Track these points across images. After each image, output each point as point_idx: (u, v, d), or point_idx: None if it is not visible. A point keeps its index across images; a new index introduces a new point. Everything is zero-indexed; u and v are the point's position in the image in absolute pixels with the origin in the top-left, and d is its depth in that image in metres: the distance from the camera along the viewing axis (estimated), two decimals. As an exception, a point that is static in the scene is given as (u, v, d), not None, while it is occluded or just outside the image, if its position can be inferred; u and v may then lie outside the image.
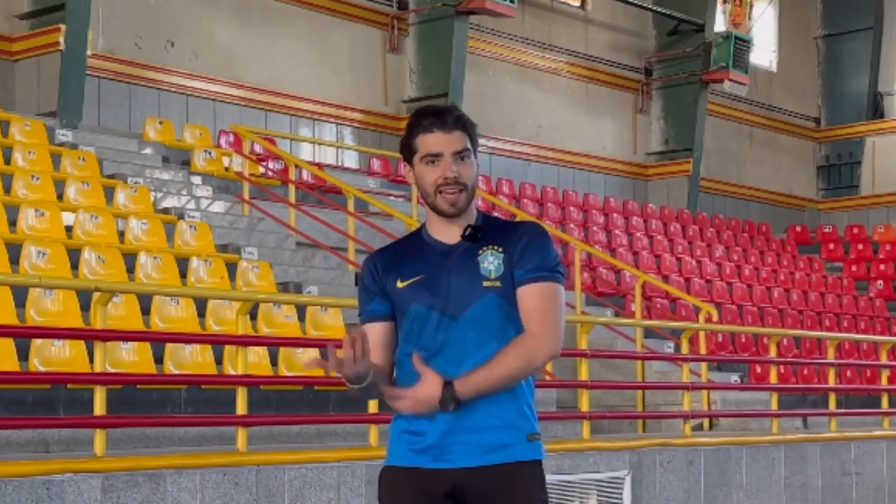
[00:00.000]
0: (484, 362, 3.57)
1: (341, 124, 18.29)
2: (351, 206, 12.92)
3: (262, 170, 14.48)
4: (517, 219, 14.11)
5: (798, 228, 23.41)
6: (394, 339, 3.72)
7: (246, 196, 13.38)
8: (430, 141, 3.63)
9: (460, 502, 3.63)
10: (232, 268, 10.83)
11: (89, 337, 7.70)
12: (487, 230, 3.69)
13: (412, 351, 3.60)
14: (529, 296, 3.63)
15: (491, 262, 3.64)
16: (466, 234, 3.67)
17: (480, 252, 3.65)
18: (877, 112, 26.34)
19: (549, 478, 9.41)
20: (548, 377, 11.12)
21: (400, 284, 3.66)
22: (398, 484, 3.66)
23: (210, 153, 14.36)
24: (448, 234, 3.69)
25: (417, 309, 3.62)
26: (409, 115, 16.03)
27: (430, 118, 3.64)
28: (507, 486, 3.62)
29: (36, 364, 8.16)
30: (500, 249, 3.65)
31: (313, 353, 9.61)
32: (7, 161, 12.00)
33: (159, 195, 12.66)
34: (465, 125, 3.66)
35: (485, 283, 3.62)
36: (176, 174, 13.65)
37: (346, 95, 18.27)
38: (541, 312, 3.62)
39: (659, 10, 22.03)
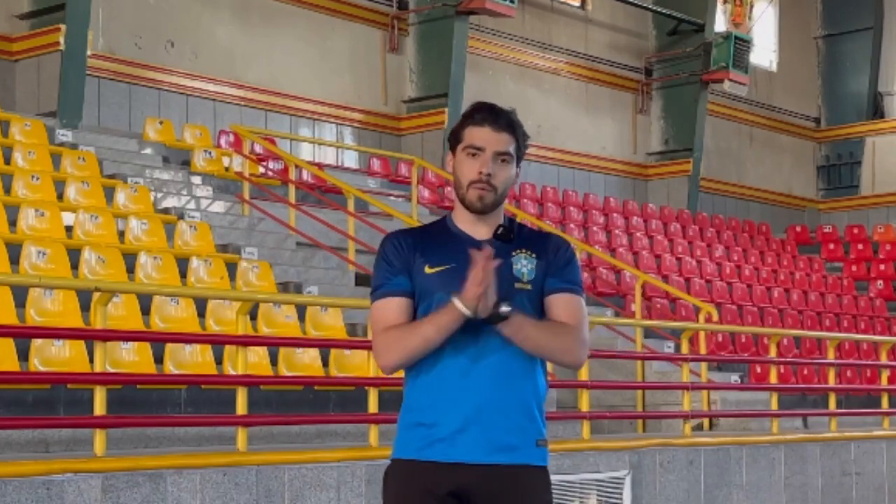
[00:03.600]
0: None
1: (341, 124, 18.29)
2: (351, 206, 12.92)
3: (262, 170, 14.48)
4: (517, 219, 14.17)
5: (798, 228, 23.40)
6: (412, 318, 3.69)
7: (246, 196, 13.38)
8: (477, 134, 3.66)
9: (464, 501, 3.63)
10: (232, 268, 10.83)
11: (89, 337, 7.70)
12: (519, 233, 3.72)
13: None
14: (564, 303, 3.69)
15: (524, 264, 3.67)
16: (499, 232, 3.69)
17: (514, 253, 3.68)
18: (877, 112, 26.34)
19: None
20: (548, 377, 11.10)
21: (429, 270, 3.66)
22: (405, 480, 3.66)
23: (210, 153, 14.36)
24: (476, 229, 3.71)
25: (445, 299, 3.58)
26: (410, 114, 15.94)
27: (484, 113, 3.68)
28: (512, 487, 3.63)
29: (36, 364, 8.16)
30: (534, 255, 3.69)
31: (313, 353, 9.62)
32: (7, 161, 12.00)
33: (159, 195, 12.66)
34: (515, 129, 3.69)
35: (517, 285, 3.64)
36: (176, 174, 13.65)
37: (346, 95, 18.27)
38: (577, 317, 3.69)
39: (659, 10, 22.03)
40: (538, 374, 3.72)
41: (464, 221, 3.72)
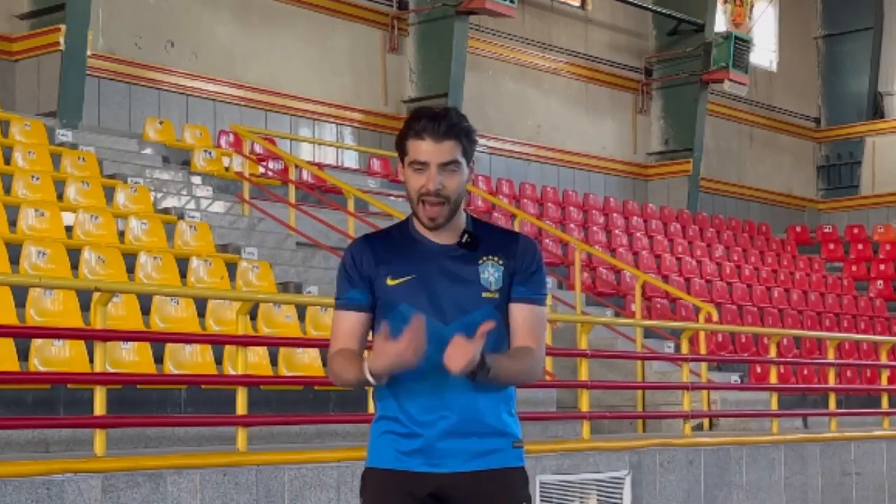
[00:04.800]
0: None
1: (341, 124, 18.29)
2: (351, 206, 12.92)
3: (262, 170, 14.48)
4: (517, 219, 14.15)
5: (798, 228, 23.40)
6: (368, 332, 3.68)
7: (246, 196, 13.38)
8: (419, 148, 3.56)
9: (444, 502, 3.63)
10: (232, 268, 10.83)
11: (89, 337, 7.70)
12: (484, 238, 3.66)
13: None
14: (525, 316, 3.66)
15: (491, 273, 3.62)
16: (464, 241, 3.63)
17: (481, 261, 3.62)
18: (877, 112, 26.34)
19: (549, 478, 9.39)
20: (548, 377, 11.12)
21: (390, 282, 3.61)
22: (383, 485, 3.65)
23: (210, 153, 14.36)
24: (438, 234, 3.65)
25: (408, 310, 3.56)
26: (408, 114, 15.92)
27: (422, 122, 3.56)
28: (492, 490, 3.63)
29: (36, 364, 8.16)
30: (500, 261, 3.63)
31: (313, 353, 9.62)
32: (7, 161, 12.00)
33: (159, 195, 12.66)
34: (458, 134, 3.57)
35: (484, 294, 3.60)
36: (176, 174, 13.65)
37: (346, 95, 18.27)
38: (538, 335, 3.67)
39: (659, 10, 22.03)
40: None
41: (425, 227, 3.67)
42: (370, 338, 3.66)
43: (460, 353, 3.42)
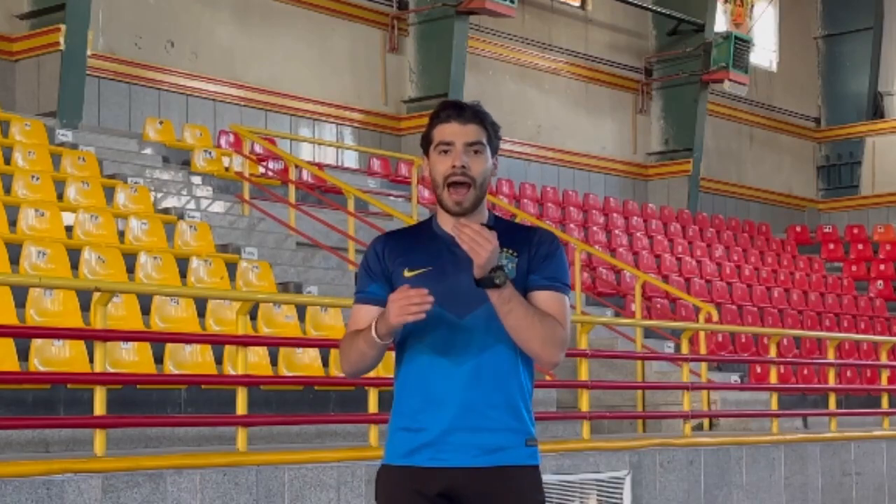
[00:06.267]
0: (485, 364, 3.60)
1: (341, 124, 18.29)
2: (351, 206, 12.92)
3: (262, 170, 14.48)
4: (517, 219, 14.16)
5: (798, 228, 23.41)
6: None
7: (246, 196, 13.38)
8: (445, 130, 3.64)
9: (454, 501, 3.62)
10: (232, 268, 10.83)
11: (89, 337, 7.70)
12: (501, 232, 3.63)
13: (415, 343, 3.61)
14: (544, 301, 3.63)
15: (504, 264, 3.60)
16: None
17: None
18: (877, 112, 26.35)
19: (549, 478, 9.39)
20: (548, 377, 11.11)
21: (407, 274, 3.65)
22: (393, 483, 3.66)
23: (210, 153, 14.37)
24: None
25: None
26: (410, 114, 15.95)
27: (448, 110, 3.67)
28: (503, 488, 3.61)
29: (36, 364, 8.16)
30: (515, 253, 3.64)
31: (313, 353, 9.63)
32: (7, 161, 12.00)
33: (159, 195, 12.66)
34: (482, 120, 3.66)
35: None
36: (176, 174, 13.65)
37: (346, 95, 18.27)
38: (562, 316, 3.63)
39: (659, 10, 22.03)
40: (523, 373, 3.68)
41: (447, 222, 3.69)
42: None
43: (471, 228, 3.45)
